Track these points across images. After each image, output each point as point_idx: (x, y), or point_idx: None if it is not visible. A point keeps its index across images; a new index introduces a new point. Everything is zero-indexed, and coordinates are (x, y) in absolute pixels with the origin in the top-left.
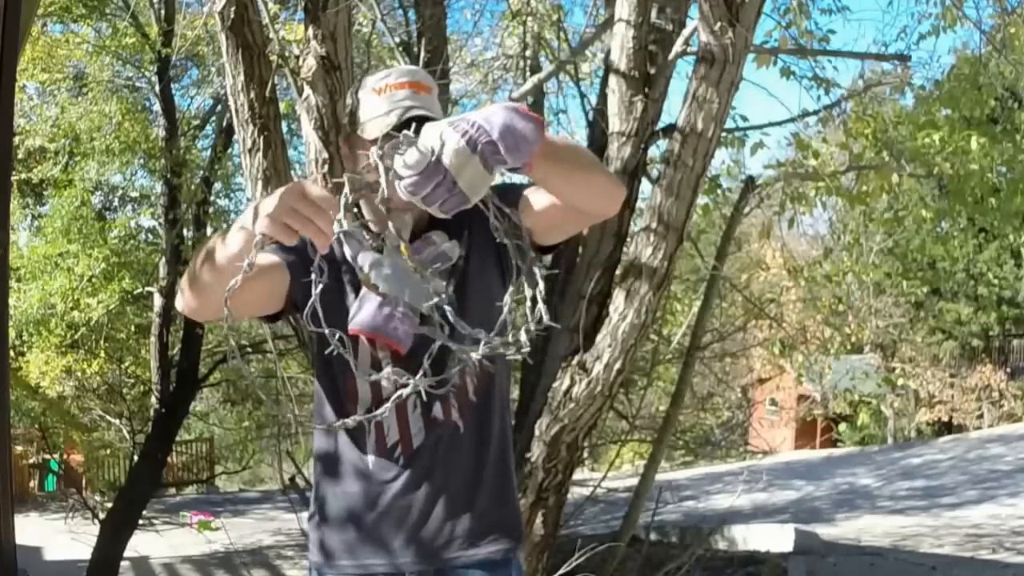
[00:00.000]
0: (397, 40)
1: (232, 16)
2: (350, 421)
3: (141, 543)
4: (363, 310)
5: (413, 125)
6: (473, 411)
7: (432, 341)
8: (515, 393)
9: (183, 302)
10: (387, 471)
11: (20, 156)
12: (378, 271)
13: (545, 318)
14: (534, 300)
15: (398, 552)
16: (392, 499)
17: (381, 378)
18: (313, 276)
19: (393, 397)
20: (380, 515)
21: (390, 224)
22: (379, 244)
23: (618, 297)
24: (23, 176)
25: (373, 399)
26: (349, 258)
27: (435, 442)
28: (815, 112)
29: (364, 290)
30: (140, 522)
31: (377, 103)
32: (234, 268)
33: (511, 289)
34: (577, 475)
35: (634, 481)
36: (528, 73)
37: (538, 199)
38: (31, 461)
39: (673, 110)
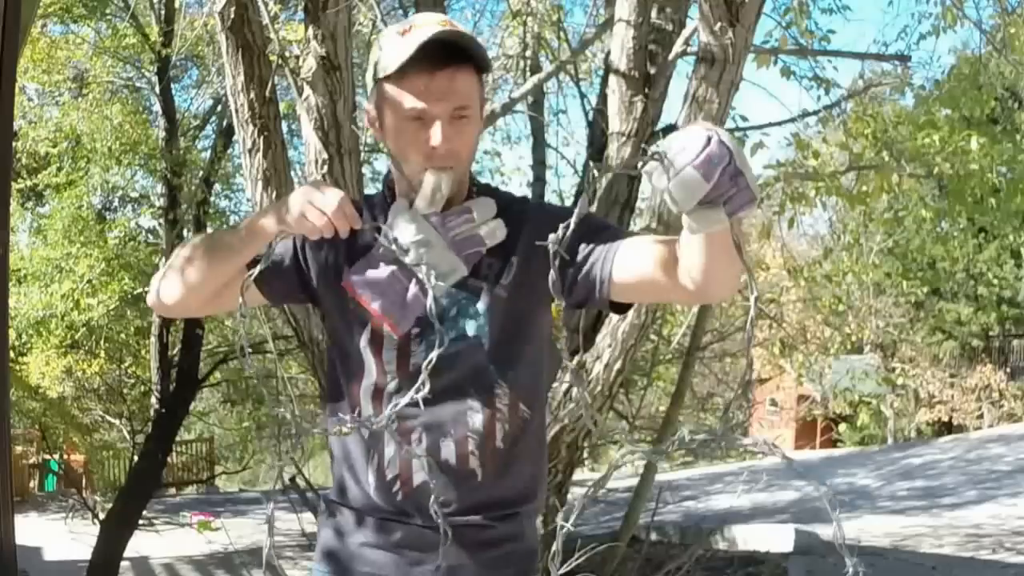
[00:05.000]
0: None
1: (232, 16)
2: (345, 428)
3: (141, 543)
4: (368, 271)
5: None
6: (498, 458)
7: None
8: None
9: (158, 299)
10: (388, 504)
11: (22, 161)
12: (399, 233)
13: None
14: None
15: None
16: (398, 535)
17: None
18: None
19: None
20: (384, 541)
21: (425, 180)
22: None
23: None
24: (27, 183)
25: (375, 413)
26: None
27: (443, 485)
28: (815, 112)
29: (375, 248)
30: (140, 522)
31: (403, 41)
32: (234, 266)
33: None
34: (577, 475)
35: (634, 481)
36: (528, 73)
37: (637, 255)
38: (31, 461)
39: (673, 110)
